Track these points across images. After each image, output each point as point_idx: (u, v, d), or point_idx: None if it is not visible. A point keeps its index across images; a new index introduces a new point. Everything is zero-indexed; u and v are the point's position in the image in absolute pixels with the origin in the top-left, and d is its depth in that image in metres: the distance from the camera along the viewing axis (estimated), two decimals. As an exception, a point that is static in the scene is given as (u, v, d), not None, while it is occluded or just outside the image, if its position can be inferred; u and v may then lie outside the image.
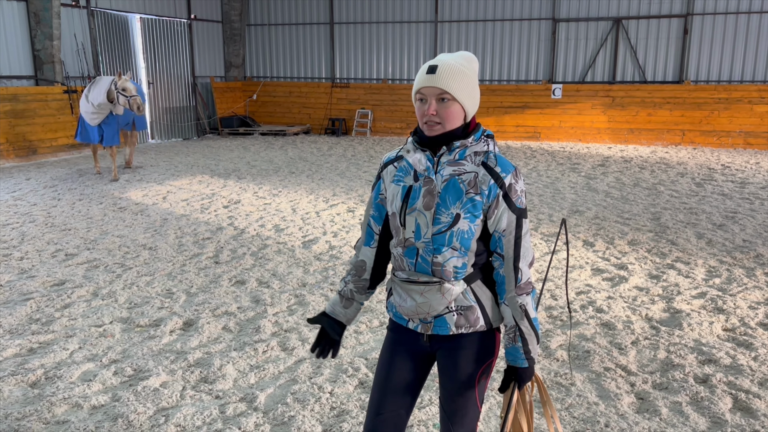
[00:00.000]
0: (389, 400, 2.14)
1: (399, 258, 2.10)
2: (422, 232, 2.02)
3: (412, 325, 2.12)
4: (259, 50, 19.06)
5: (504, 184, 1.97)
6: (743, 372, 3.77)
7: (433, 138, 2.02)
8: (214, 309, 4.78)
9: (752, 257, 6.10)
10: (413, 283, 2.06)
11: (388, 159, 2.17)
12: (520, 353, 2.05)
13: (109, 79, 10.16)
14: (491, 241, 2.04)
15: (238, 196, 9.08)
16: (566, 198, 8.98)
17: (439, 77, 1.95)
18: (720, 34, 14.91)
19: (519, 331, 2.04)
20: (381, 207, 2.18)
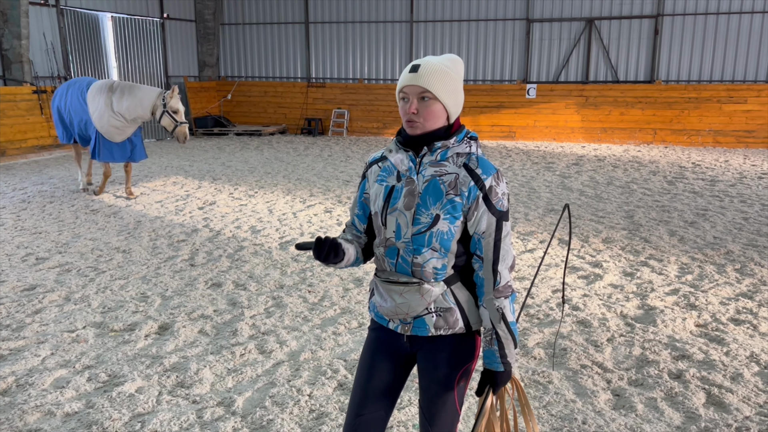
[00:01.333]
0: (370, 401, 2.14)
1: (381, 258, 2.11)
2: (402, 232, 2.02)
3: (392, 326, 2.12)
4: (233, 50, 18.89)
5: (484, 186, 1.97)
6: (716, 367, 3.84)
7: (415, 138, 2.02)
8: (190, 312, 4.72)
9: (723, 254, 6.22)
10: (393, 283, 2.06)
11: (373, 159, 2.18)
12: (496, 357, 2.04)
13: (149, 89, 8.38)
14: (471, 243, 2.04)
15: (214, 198, 8.99)
16: (541, 197, 9.06)
17: (420, 76, 1.96)
18: (690, 35, 15.18)
19: (496, 334, 2.03)
20: (365, 206, 2.19)
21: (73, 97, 8.65)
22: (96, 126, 8.37)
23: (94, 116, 8.36)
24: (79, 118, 8.60)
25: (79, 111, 8.56)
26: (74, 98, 8.63)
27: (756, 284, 5.34)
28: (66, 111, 8.77)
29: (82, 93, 8.58)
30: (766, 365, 3.87)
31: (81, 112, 8.54)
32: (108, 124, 8.31)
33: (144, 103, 8.27)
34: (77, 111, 8.59)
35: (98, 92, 8.38)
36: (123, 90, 8.32)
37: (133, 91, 8.31)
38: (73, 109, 8.64)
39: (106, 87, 8.40)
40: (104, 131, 8.37)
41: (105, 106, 8.27)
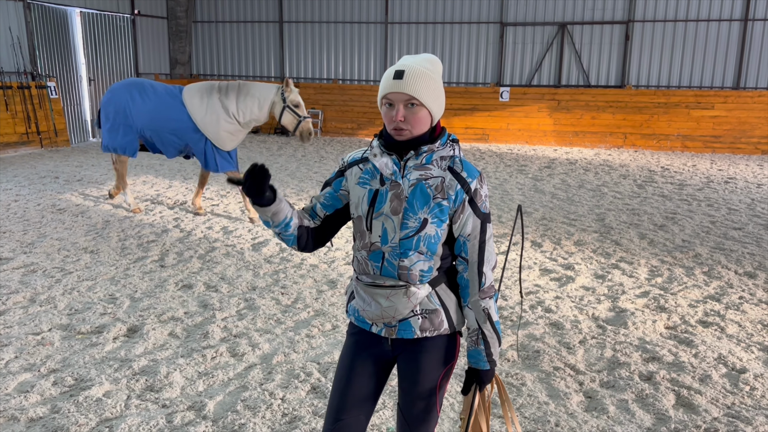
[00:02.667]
0: (350, 406, 2.12)
1: (363, 262, 2.08)
2: (389, 236, 2.01)
3: (375, 329, 2.11)
4: (206, 48, 18.68)
5: (470, 189, 1.99)
6: (685, 369, 3.90)
7: (402, 142, 2.00)
8: (160, 314, 4.63)
9: (691, 257, 6.33)
10: (379, 287, 2.04)
11: (353, 159, 2.12)
12: (482, 356, 2.07)
13: (265, 86, 7.26)
14: (456, 245, 2.05)
15: (185, 197, 8.85)
16: (514, 199, 9.12)
17: (406, 83, 1.93)
18: (659, 41, 15.46)
19: (482, 334, 2.05)
20: (337, 200, 2.13)
21: (155, 102, 7.30)
22: (207, 133, 7.15)
23: (204, 122, 7.12)
24: (172, 126, 7.23)
25: (171, 117, 7.22)
26: (160, 103, 7.28)
27: (723, 287, 5.45)
28: (140, 117, 7.32)
29: (173, 97, 7.29)
30: (734, 367, 3.94)
31: (175, 119, 7.20)
32: (221, 130, 7.15)
33: (262, 101, 7.18)
34: (168, 117, 7.23)
35: (203, 95, 7.20)
36: (234, 90, 7.23)
37: (247, 89, 7.22)
38: (158, 115, 7.26)
39: (212, 89, 7.24)
40: (215, 138, 7.17)
41: (220, 109, 7.11)
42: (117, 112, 7.43)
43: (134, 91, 7.43)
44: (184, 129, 7.23)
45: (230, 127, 7.21)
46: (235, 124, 7.23)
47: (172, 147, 7.45)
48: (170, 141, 7.38)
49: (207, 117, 7.13)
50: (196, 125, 7.17)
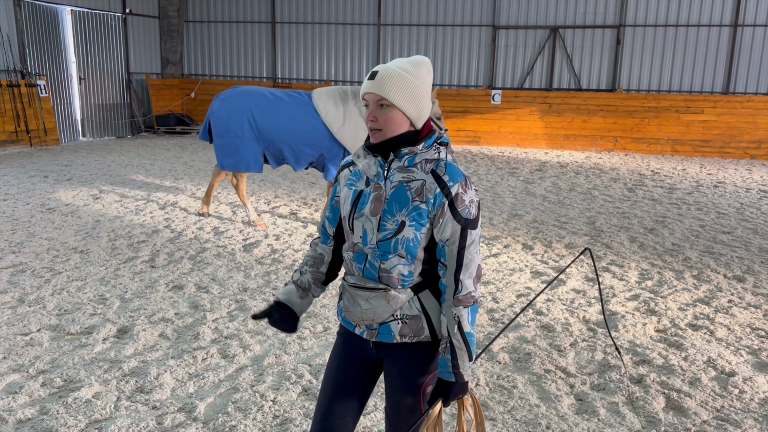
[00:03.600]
0: (337, 406, 2.11)
1: (349, 262, 2.10)
2: (369, 237, 2.01)
3: (358, 331, 2.11)
4: (197, 47, 18.61)
5: (450, 193, 1.94)
6: (675, 372, 3.92)
7: (381, 144, 2.00)
8: (150, 315, 4.60)
9: (681, 260, 6.37)
10: (360, 288, 2.05)
11: (345, 162, 2.17)
12: (447, 366, 1.99)
13: None
14: (437, 249, 2.01)
15: (175, 197, 8.81)
16: (506, 202, 9.15)
17: (376, 83, 1.94)
18: (650, 46, 15.56)
19: (450, 343, 1.98)
20: (336, 209, 2.18)
21: (286, 112, 6.75)
22: (344, 142, 6.66)
23: (342, 130, 6.65)
24: (308, 137, 6.71)
25: (307, 128, 6.71)
26: (292, 113, 6.74)
27: (712, 290, 5.48)
28: (270, 130, 6.75)
29: (304, 105, 6.78)
30: (723, 370, 3.96)
31: (310, 129, 6.70)
32: (359, 138, 6.69)
33: None
34: (303, 128, 6.72)
35: (337, 102, 6.74)
36: None
37: None
38: (292, 126, 6.73)
39: (345, 95, 6.78)
40: (353, 147, 6.69)
41: (357, 117, 6.66)
42: (241, 126, 6.74)
43: (260, 102, 6.80)
44: (321, 139, 6.69)
45: (365, 134, 6.67)
46: None
47: (304, 159, 6.86)
48: (304, 153, 6.80)
49: (345, 125, 6.66)
50: (334, 134, 6.66)
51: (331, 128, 6.63)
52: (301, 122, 6.71)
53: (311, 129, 6.67)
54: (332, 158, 6.74)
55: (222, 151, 6.89)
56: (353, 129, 6.65)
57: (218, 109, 6.88)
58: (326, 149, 6.72)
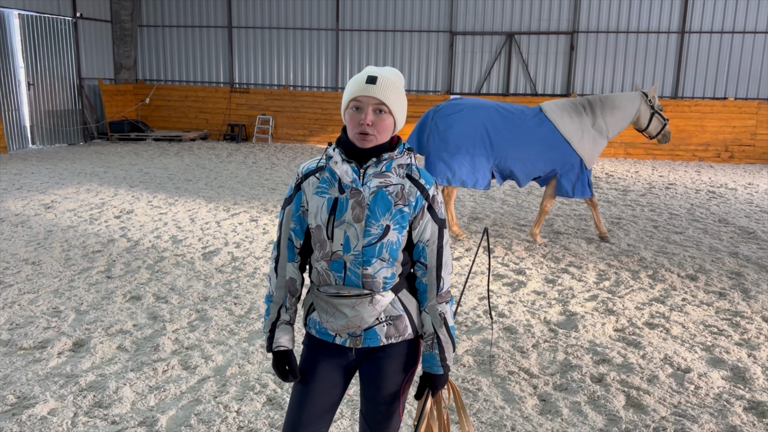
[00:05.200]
0: (310, 419, 2.10)
1: (324, 273, 2.05)
2: (352, 244, 2.00)
3: (339, 340, 2.08)
4: (152, 52, 18.27)
5: (429, 195, 2.03)
6: (633, 370, 4.01)
7: (362, 150, 2.00)
8: (108, 327, 4.48)
9: (636, 261, 6.53)
10: (344, 297, 2.02)
11: (308, 170, 2.08)
12: (436, 360, 2.10)
13: (629, 95, 6.88)
14: (415, 250, 2.07)
15: (131, 206, 8.61)
16: (466, 206, 9.24)
17: (379, 88, 1.94)
18: (602, 51, 15.97)
19: (437, 338, 2.09)
20: (302, 220, 2.09)
21: (522, 128, 6.61)
22: (583, 156, 6.61)
23: (582, 144, 6.59)
24: (545, 153, 6.59)
25: (545, 143, 6.58)
26: (528, 128, 6.61)
27: (667, 289, 5.64)
28: (505, 145, 6.57)
29: (540, 121, 6.65)
30: (679, 367, 4.08)
31: (549, 145, 6.58)
32: (596, 152, 6.70)
33: (629, 112, 6.81)
34: (540, 144, 6.58)
35: (571, 115, 6.67)
36: (597, 105, 6.74)
37: (611, 103, 6.76)
38: (529, 142, 6.58)
39: (575, 107, 6.74)
40: (590, 161, 6.68)
41: (592, 129, 6.66)
42: (473, 143, 6.54)
43: (494, 117, 6.61)
44: (558, 154, 6.59)
45: (602, 147, 6.77)
46: (605, 143, 6.79)
47: (534, 174, 6.70)
48: (536, 168, 6.66)
49: (584, 139, 6.60)
50: (573, 148, 6.57)
51: (570, 142, 6.57)
52: (537, 137, 6.57)
53: (548, 144, 6.57)
54: (565, 173, 6.66)
55: (449, 167, 6.60)
56: (591, 142, 6.64)
57: (449, 124, 6.61)
58: (560, 164, 6.63)
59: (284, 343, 2.11)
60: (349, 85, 2.00)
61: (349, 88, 1.99)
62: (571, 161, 6.62)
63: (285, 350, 2.10)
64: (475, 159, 6.57)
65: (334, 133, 16.92)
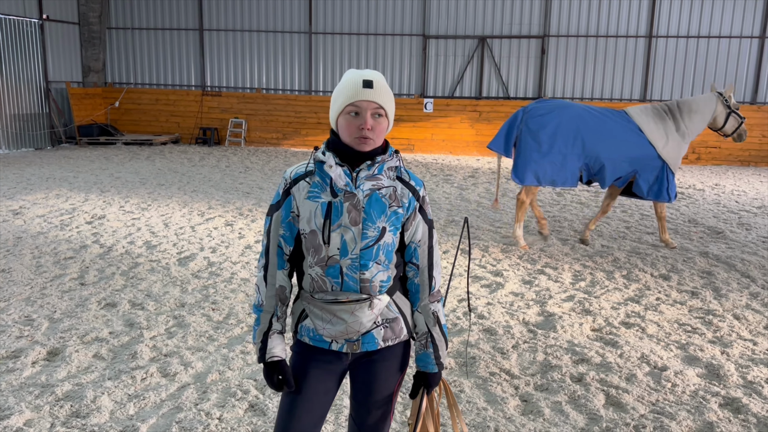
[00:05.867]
0: (303, 427, 2.07)
1: (318, 279, 2.02)
2: (349, 248, 1.99)
3: (336, 346, 2.06)
4: (121, 55, 17.99)
5: (419, 197, 2.07)
6: (612, 369, 4.07)
7: (356, 153, 1.99)
8: (83, 335, 4.39)
9: (610, 261, 6.64)
10: (342, 303, 2.00)
11: (297, 174, 2.04)
12: (431, 359, 2.13)
13: (705, 97, 7.02)
14: (407, 251, 2.10)
15: (103, 211, 8.46)
16: (442, 208, 9.28)
17: (377, 92, 1.95)
18: (573, 55, 16.21)
19: (431, 337, 2.12)
20: (292, 226, 2.05)
21: (613, 129, 6.79)
22: (668, 159, 6.79)
23: (666, 148, 6.79)
24: (632, 154, 6.76)
25: (633, 145, 6.75)
26: (619, 130, 6.79)
27: (641, 289, 5.74)
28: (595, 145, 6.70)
29: (627, 123, 6.87)
30: (656, 365, 4.15)
31: (636, 146, 6.75)
32: (680, 155, 6.92)
33: (707, 113, 6.98)
34: (629, 145, 6.75)
35: (655, 119, 6.90)
36: (676, 110, 6.96)
37: (689, 106, 6.94)
38: (619, 143, 6.74)
39: (658, 112, 6.97)
40: (675, 164, 6.88)
41: (676, 133, 6.87)
42: (566, 142, 6.69)
43: (586, 117, 6.80)
44: (643, 156, 6.76)
45: (684, 150, 6.96)
46: (686, 146, 6.98)
47: (618, 174, 6.84)
48: (621, 168, 6.80)
49: (669, 143, 6.81)
50: (659, 152, 6.77)
51: (656, 146, 6.76)
52: (626, 139, 6.75)
53: (635, 146, 6.74)
54: (644, 174, 6.84)
55: (539, 166, 6.72)
56: (676, 146, 6.84)
57: (541, 125, 6.72)
58: (641, 165, 6.80)
59: (278, 353, 2.05)
60: (343, 89, 1.97)
61: (344, 93, 1.96)
62: (653, 164, 6.82)
63: (278, 360, 2.05)
64: (566, 159, 6.71)
65: (308, 136, 16.87)
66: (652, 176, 6.83)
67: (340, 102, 1.97)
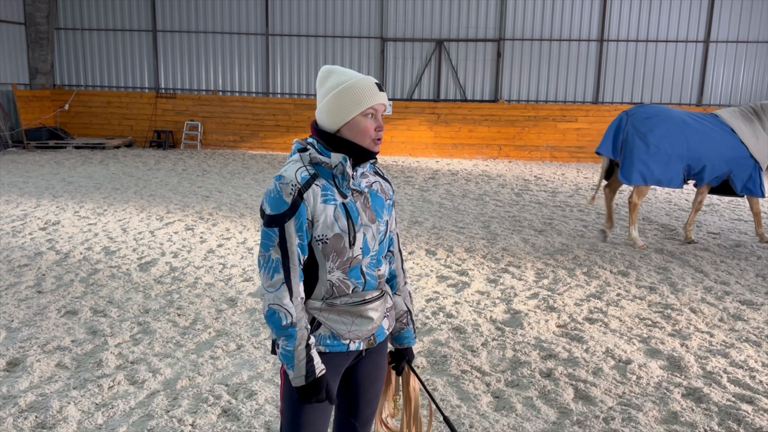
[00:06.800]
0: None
1: (340, 283, 1.99)
2: (370, 245, 2.04)
3: (353, 347, 2.06)
4: (70, 56, 17.47)
5: (393, 189, 2.22)
6: (579, 364, 4.17)
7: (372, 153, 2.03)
8: (44, 344, 4.25)
9: (571, 259, 6.80)
10: (368, 302, 2.04)
11: (305, 179, 1.93)
12: (412, 334, 2.29)
13: None
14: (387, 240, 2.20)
15: (57, 217, 8.20)
16: (405, 210, 9.33)
17: (384, 95, 2.02)
18: (528, 58, 16.53)
19: (410, 314, 2.27)
20: (307, 233, 1.94)
21: (711, 132, 7.24)
22: (760, 158, 7.30)
23: (758, 147, 7.29)
24: (728, 154, 7.22)
25: (729, 146, 7.23)
26: (715, 132, 7.25)
27: (602, 285, 5.90)
28: (698, 147, 7.16)
29: (720, 125, 7.34)
30: (620, 359, 4.27)
31: (731, 147, 7.24)
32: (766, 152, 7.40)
33: None
34: (725, 146, 7.21)
35: (745, 120, 7.39)
36: (760, 111, 7.40)
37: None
38: (717, 145, 7.20)
39: (747, 114, 7.43)
40: (763, 161, 7.35)
41: (764, 133, 7.34)
42: (673, 144, 7.09)
43: (688, 121, 7.23)
44: (739, 156, 7.24)
45: None
46: None
47: (715, 175, 7.28)
48: (719, 169, 7.24)
49: (759, 143, 7.28)
50: (750, 151, 7.24)
51: (747, 146, 7.25)
52: (723, 141, 7.23)
53: (731, 147, 7.23)
54: (738, 173, 7.30)
55: (647, 167, 7.10)
56: (764, 145, 7.32)
57: (649, 128, 7.11)
58: (736, 165, 7.28)
59: (322, 365, 1.96)
60: (361, 91, 1.93)
61: (362, 96, 1.93)
62: (746, 163, 7.30)
63: (325, 371, 1.96)
64: (672, 160, 7.13)
65: (266, 139, 16.71)
66: (746, 174, 7.32)
67: (358, 105, 1.93)
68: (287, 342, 1.90)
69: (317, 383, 1.91)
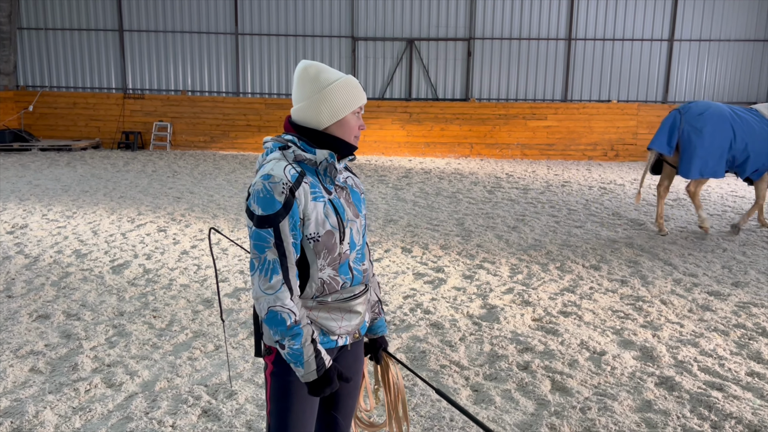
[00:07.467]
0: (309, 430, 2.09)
1: (331, 280, 2.00)
2: (356, 240, 2.06)
3: (341, 342, 2.09)
4: (34, 57, 17.08)
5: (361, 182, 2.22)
6: (555, 356, 4.25)
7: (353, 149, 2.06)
8: (16, 349, 4.17)
9: (544, 254, 6.90)
10: (356, 297, 2.07)
11: (294, 177, 1.91)
12: (384, 323, 2.33)
13: None
14: None
15: (24, 220, 8.03)
16: (380, 208, 9.36)
17: None
18: (497, 57, 16.69)
19: (380, 303, 2.31)
20: (299, 232, 1.93)
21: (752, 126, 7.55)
22: None
23: None
24: (763, 148, 7.55)
25: (763, 141, 7.54)
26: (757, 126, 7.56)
27: (575, 279, 6.01)
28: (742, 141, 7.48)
29: (761, 119, 7.67)
30: (595, 350, 4.36)
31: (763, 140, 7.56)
32: None
33: None
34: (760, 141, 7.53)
35: None
36: None
37: None
38: (759, 138, 7.53)
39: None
40: None
41: None
42: (723, 138, 7.42)
43: (734, 116, 7.55)
44: None
45: None
46: None
47: (756, 167, 7.62)
48: (759, 161, 7.58)
49: None
50: None
51: None
52: (762, 134, 7.55)
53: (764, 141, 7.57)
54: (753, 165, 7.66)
55: (703, 161, 7.43)
56: None
57: (703, 123, 7.43)
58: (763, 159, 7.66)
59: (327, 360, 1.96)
60: (352, 90, 1.98)
61: (353, 95, 1.98)
62: None
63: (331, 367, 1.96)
64: (723, 153, 7.50)
65: (237, 139, 16.57)
66: None
67: (349, 104, 1.97)
68: (294, 341, 1.88)
69: (328, 374, 1.92)
